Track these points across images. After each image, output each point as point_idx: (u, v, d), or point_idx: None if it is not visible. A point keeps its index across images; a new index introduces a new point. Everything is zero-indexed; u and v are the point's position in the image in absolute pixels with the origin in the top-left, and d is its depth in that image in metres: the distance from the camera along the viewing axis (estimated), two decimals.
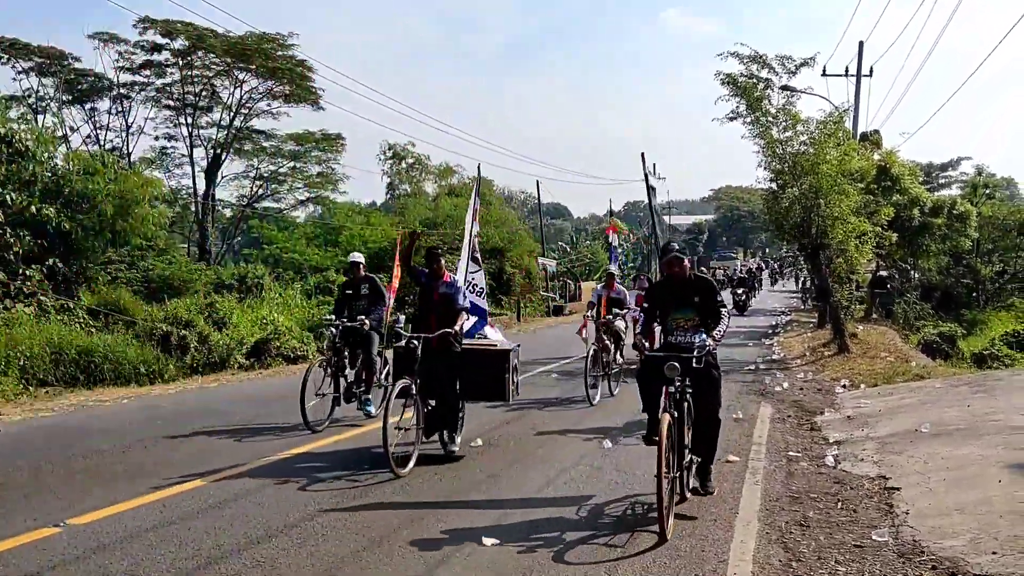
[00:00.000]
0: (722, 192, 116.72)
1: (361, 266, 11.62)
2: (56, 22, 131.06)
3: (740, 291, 36.96)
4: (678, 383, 6.58)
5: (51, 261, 18.12)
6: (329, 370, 10.68)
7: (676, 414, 6.53)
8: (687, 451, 6.88)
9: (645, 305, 7.63)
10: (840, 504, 7.18)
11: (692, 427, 6.98)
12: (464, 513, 6.83)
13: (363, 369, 11.01)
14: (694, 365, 6.67)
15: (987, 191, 43.39)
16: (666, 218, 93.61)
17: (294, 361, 19.10)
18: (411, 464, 8.08)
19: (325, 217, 38.49)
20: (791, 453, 9.31)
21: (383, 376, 11.15)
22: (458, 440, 8.99)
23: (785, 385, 14.92)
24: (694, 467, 7.17)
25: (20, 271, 16.98)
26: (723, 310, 7.04)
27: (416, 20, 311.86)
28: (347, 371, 10.96)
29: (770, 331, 28.13)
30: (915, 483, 7.55)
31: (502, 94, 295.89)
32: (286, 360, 18.99)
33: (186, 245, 37.62)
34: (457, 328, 8.61)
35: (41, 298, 17.10)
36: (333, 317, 11.23)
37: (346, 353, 10.94)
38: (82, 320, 17.49)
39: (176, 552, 5.74)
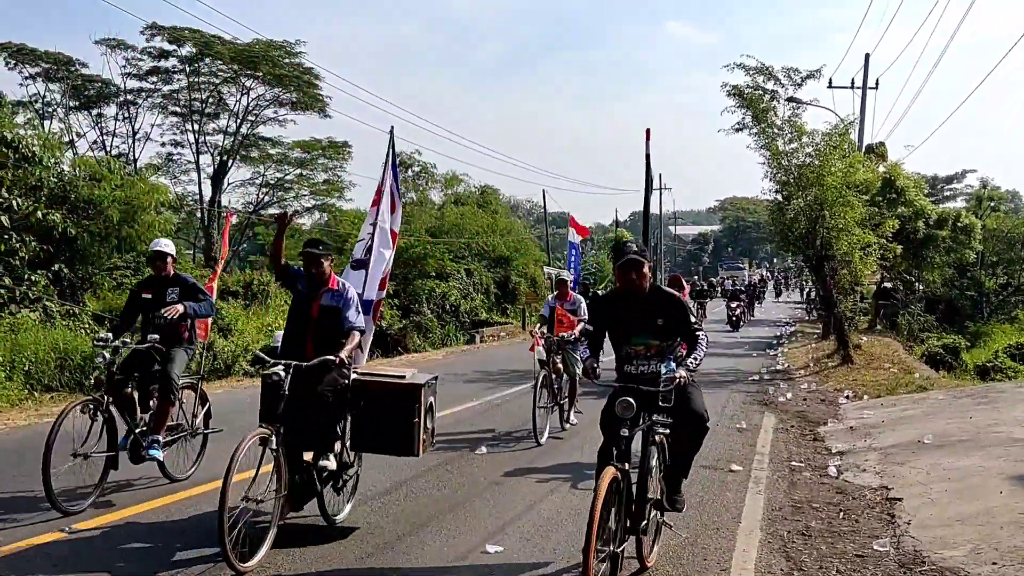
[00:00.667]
0: (728, 202, 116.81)
1: (170, 260, 7.85)
2: (63, 28, 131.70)
3: (734, 304, 34.65)
4: (643, 422, 5.41)
5: (56, 267, 18.18)
6: (100, 416, 7.01)
7: (626, 466, 5.14)
8: (650, 507, 5.51)
9: (588, 328, 6.17)
10: (842, 514, 7.19)
11: (666, 469, 5.72)
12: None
13: (157, 410, 7.56)
14: (660, 404, 5.22)
15: (992, 204, 43.33)
16: (671, 228, 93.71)
17: None
18: (264, 549, 5.67)
19: (331, 224, 38.55)
20: (794, 463, 9.32)
21: (199, 420, 8.34)
22: (347, 506, 6.77)
23: (789, 395, 14.92)
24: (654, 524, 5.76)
25: (26, 276, 17.03)
26: (699, 334, 5.50)
27: (416, 28, 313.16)
28: (135, 415, 7.48)
29: (774, 342, 28.14)
30: (917, 494, 7.56)
31: (503, 101, 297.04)
32: None
33: (192, 252, 37.71)
34: (345, 354, 6.21)
35: (46, 303, 17.15)
36: (110, 336, 7.33)
37: (130, 389, 7.47)
38: (87, 326, 17.53)
39: (181, 557, 5.77)
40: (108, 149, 35.56)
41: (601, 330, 5.84)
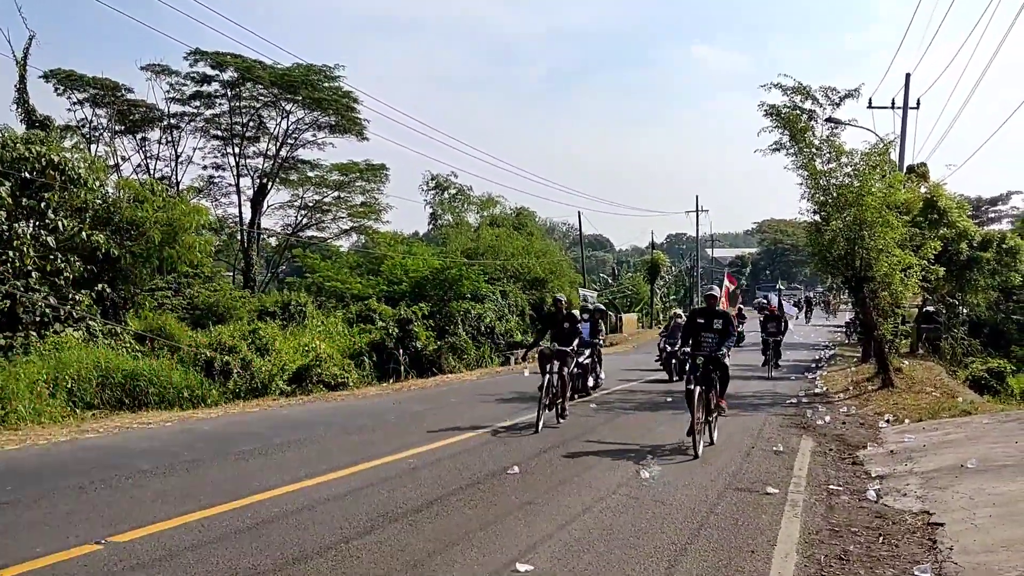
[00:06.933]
0: (766, 224, 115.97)
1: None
2: (111, 55, 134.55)
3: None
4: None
5: (100, 286, 18.50)
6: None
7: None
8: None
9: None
10: (881, 538, 7.05)
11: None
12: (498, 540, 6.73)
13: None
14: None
15: None
16: (709, 250, 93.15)
17: (335, 388, 19.25)
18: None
19: (368, 246, 38.90)
20: (832, 486, 9.17)
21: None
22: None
23: (827, 419, 14.71)
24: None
25: (70, 296, 17.35)
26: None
27: (454, 53, 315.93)
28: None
29: (813, 365, 27.80)
30: (960, 519, 7.39)
31: (539, 125, 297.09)
32: (327, 387, 19.15)
33: (231, 273, 38.18)
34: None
35: (89, 322, 17.45)
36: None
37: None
38: (128, 345, 17.81)
39: (213, 571, 5.79)
40: (152, 172, 36.23)
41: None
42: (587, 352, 15.76)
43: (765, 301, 39.11)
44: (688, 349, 11.53)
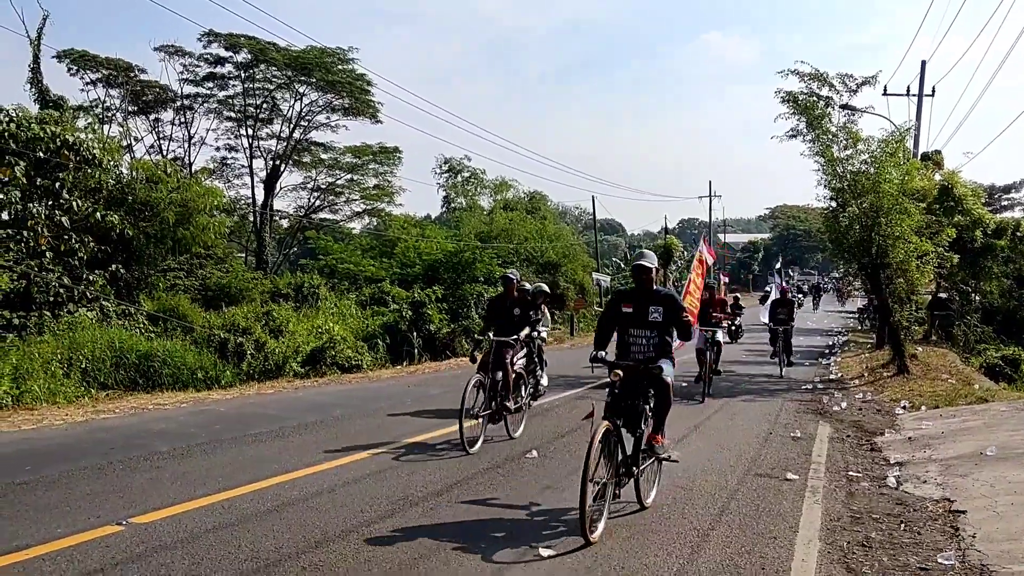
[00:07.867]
0: (778, 211, 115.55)
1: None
2: (124, 35, 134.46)
3: None
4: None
5: (114, 267, 18.52)
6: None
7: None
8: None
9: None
10: (903, 525, 7.01)
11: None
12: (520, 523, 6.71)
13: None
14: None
15: None
16: (720, 236, 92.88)
17: (348, 370, 19.28)
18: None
19: (380, 229, 38.88)
20: (851, 473, 9.13)
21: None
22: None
23: (843, 405, 14.67)
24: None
25: (84, 276, 17.36)
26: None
27: (464, 45, 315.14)
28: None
29: (827, 351, 27.73)
30: (982, 506, 7.35)
31: (550, 114, 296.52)
32: (341, 369, 19.18)
33: (243, 254, 38.19)
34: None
35: (103, 303, 17.46)
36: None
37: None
38: (142, 325, 17.83)
39: (235, 553, 5.79)
40: (164, 153, 36.22)
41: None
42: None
43: (769, 289, 38.76)
44: (604, 354, 7.03)
